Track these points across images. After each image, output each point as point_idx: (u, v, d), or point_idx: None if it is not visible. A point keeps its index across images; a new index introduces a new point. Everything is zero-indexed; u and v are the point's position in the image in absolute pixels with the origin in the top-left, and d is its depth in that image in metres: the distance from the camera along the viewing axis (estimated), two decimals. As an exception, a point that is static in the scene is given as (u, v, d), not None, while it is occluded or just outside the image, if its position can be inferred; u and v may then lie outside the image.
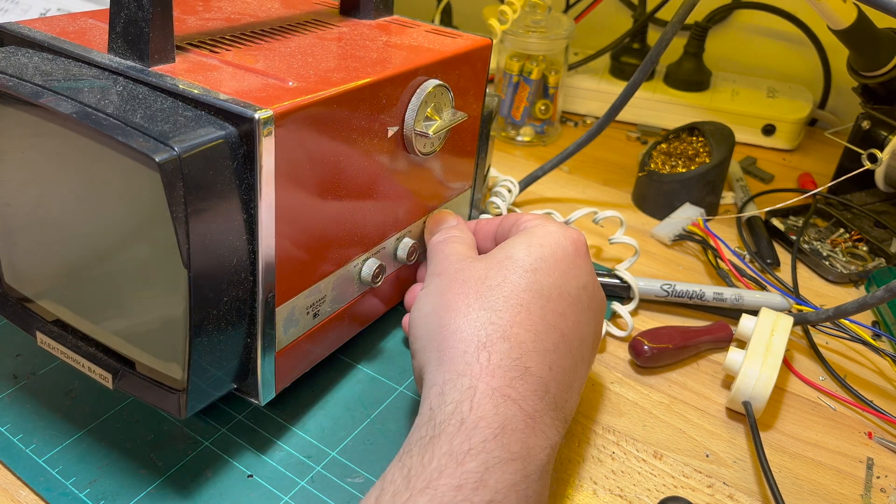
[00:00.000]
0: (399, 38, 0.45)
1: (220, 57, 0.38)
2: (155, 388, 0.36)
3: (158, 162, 0.29)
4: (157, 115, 0.32)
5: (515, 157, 0.77)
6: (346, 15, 0.49)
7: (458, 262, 0.39)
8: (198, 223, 0.31)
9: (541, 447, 0.31)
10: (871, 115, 0.63)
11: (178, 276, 0.32)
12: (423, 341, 0.36)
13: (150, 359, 0.37)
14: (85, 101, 0.32)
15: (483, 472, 0.29)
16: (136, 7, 0.34)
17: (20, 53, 0.37)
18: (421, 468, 0.29)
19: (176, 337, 0.34)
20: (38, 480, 0.38)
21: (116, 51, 0.36)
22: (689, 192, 0.64)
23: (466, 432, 0.30)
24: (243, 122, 0.32)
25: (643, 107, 0.82)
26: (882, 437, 0.44)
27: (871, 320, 0.54)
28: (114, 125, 0.31)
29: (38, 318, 0.41)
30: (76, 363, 0.39)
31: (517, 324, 0.34)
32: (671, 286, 0.53)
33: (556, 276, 0.36)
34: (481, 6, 0.75)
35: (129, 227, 0.35)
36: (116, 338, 0.38)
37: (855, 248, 0.61)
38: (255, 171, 0.33)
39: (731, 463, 0.42)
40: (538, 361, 0.33)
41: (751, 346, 0.45)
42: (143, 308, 0.37)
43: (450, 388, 0.32)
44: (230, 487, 0.38)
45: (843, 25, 0.56)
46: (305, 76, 0.37)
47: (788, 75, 0.88)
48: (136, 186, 0.33)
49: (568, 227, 0.40)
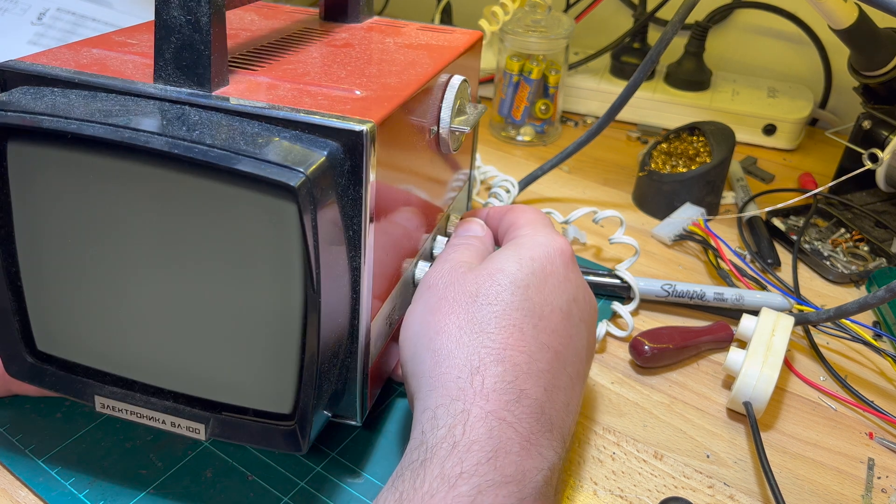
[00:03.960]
0: (402, 38, 0.45)
1: (262, 74, 0.36)
2: (260, 429, 0.34)
3: (295, 186, 0.28)
4: (258, 140, 0.30)
5: (515, 157, 0.77)
6: (331, 20, 0.48)
7: (451, 272, 0.37)
8: (324, 246, 0.30)
9: (537, 469, 0.31)
10: (872, 114, 0.63)
11: (291, 304, 0.31)
12: (413, 365, 0.35)
13: (250, 398, 0.34)
14: (175, 134, 0.30)
15: (475, 495, 0.28)
16: (192, 29, 0.32)
17: (48, 93, 0.33)
18: (412, 492, 0.28)
19: (287, 368, 0.33)
20: (37, 481, 0.38)
21: (167, 79, 0.33)
22: (690, 192, 0.63)
23: (459, 455, 0.29)
24: (349, 137, 0.31)
25: (643, 106, 0.82)
26: (883, 438, 0.44)
27: (871, 320, 0.54)
28: (223, 156, 0.29)
29: (93, 382, 0.36)
30: (152, 421, 0.35)
31: (510, 346, 0.33)
32: (672, 286, 0.53)
33: (547, 291, 0.36)
34: (481, 6, 0.75)
35: (225, 264, 0.32)
36: (203, 384, 0.35)
37: (856, 248, 0.61)
38: (360, 185, 0.32)
39: (732, 463, 0.42)
40: (533, 383, 0.33)
41: (751, 347, 0.45)
42: (240, 345, 0.34)
43: (442, 413, 0.31)
44: (230, 488, 0.38)
45: (844, 25, 0.56)
46: (363, 84, 0.36)
47: (789, 75, 0.88)
48: (247, 218, 0.31)
49: (556, 235, 0.39)
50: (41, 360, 0.37)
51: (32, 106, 0.31)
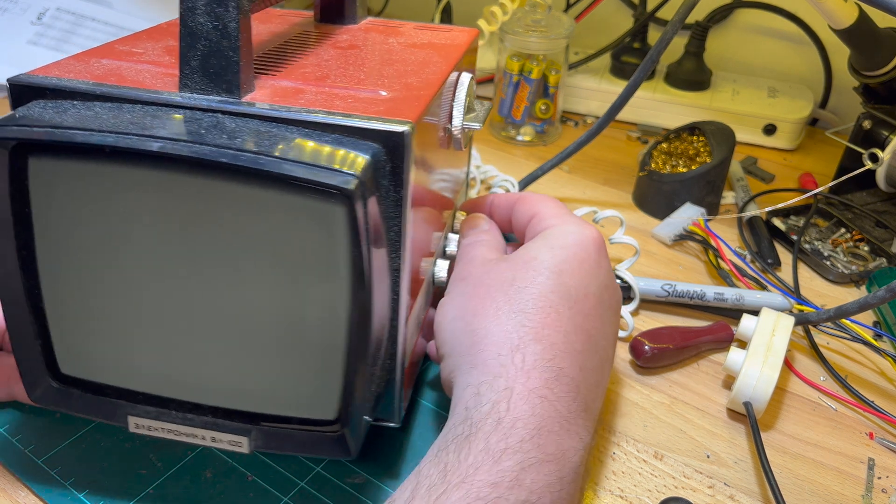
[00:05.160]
0: (404, 38, 0.45)
1: (281, 78, 0.36)
2: (306, 437, 0.34)
3: (351, 189, 0.28)
4: (303, 145, 0.30)
5: (515, 157, 0.77)
6: (327, 22, 0.48)
7: (483, 265, 0.38)
8: (375, 248, 0.30)
9: (575, 449, 0.32)
10: (873, 114, 0.63)
11: (337, 308, 0.31)
12: (452, 345, 0.36)
13: (293, 407, 0.34)
14: (218, 143, 0.29)
15: (519, 471, 0.29)
16: (220, 36, 0.31)
17: (70, 106, 0.32)
18: (457, 464, 0.29)
19: (332, 373, 0.32)
20: (37, 481, 0.38)
21: (194, 87, 0.32)
22: (690, 192, 0.63)
23: (503, 431, 0.30)
24: (390, 138, 0.31)
25: (644, 106, 0.82)
26: (883, 438, 0.44)
27: (872, 320, 0.54)
28: (273, 162, 0.28)
29: (125, 403, 0.35)
30: (191, 438, 0.35)
31: (547, 325, 0.34)
32: (672, 286, 0.53)
33: (580, 277, 0.37)
34: (481, 6, 0.75)
35: (269, 272, 0.32)
36: (243, 396, 0.34)
37: (856, 248, 0.61)
38: (401, 186, 0.32)
39: (732, 463, 0.42)
40: (570, 363, 0.34)
41: (752, 347, 0.45)
42: (284, 353, 0.33)
43: (486, 389, 0.32)
44: (230, 488, 0.38)
45: (844, 25, 0.56)
46: (386, 85, 0.36)
47: (789, 75, 0.88)
48: (294, 224, 0.30)
49: (586, 224, 0.40)
50: (66, 384, 0.35)
51: (59, 120, 0.30)
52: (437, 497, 0.28)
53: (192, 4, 0.31)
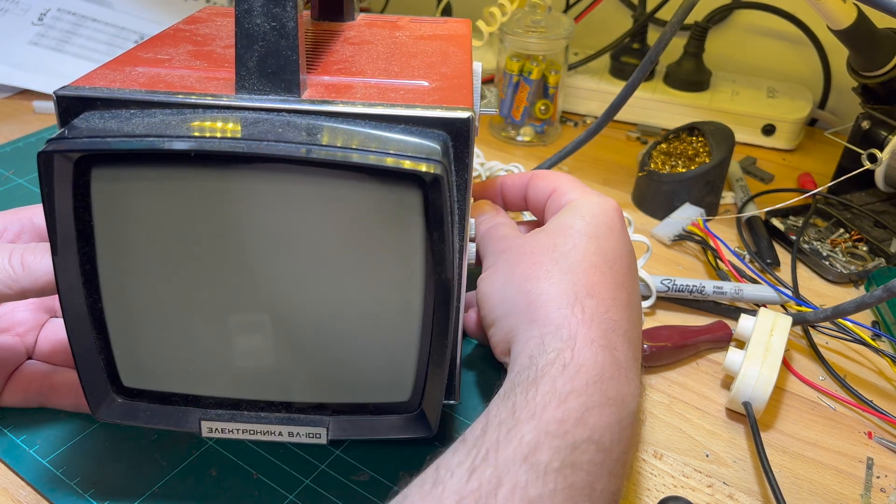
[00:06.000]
0: (408, 31, 0.45)
1: (321, 74, 0.36)
2: (385, 421, 0.35)
3: (439, 175, 0.29)
4: (381, 137, 0.31)
5: (515, 157, 0.77)
6: (325, 19, 0.48)
7: (518, 238, 0.41)
8: (451, 231, 0.31)
9: (632, 395, 0.33)
10: (871, 115, 0.63)
11: (413, 292, 0.32)
12: (505, 309, 0.37)
13: (369, 393, 0.35)
14: (298, 140, 0.30)
15: (583, 411, 0.30)
16: (279, 35, 0.31)
17: (129, 115, 0.31)
18: (525, 403, 0.31)
19: (408, 356, 0.34)
20: (42, 481, 0.38)
21: (251, 88, 0.32)
22: (689, 192, 0.64)
23: (569, 376, 0.32)
24: (454, 125, 0.32)
25: (643, 107, 0.82)
26: (882, 437, 0.45)
27: (870, 320, 0.54)
28: (363, 155, 0.29)
29: (195, 409, 0.35)
30: (268, 435, 0.35)
31: (596, 282, 0.36)
32: (671, 281, 0.53)
33: (613, 241, 0.39)
34: (480, 6, 0.75)
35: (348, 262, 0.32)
36: (318, 388, 0.35)
37: (855, 248, 0.61)
38: (465, 170, 0.33)
39: (731, 463, 0.42)
40: (621, 315, 0.36)
41: (750, 347, 0.45)
42: (361, 341, 0.34)
43: (550, 339, 0.34)
44: (235, 486, 0.38)
45: (843, 25, 0.56)
46: (424, 75, 0.36)
47: (788, 75, 0.88)
48: (376, 213, 0.31)
49: (605, 196, 0.42)
50: (131, 397, 0.35)
51: (128, 129, 0.30)
52: (509, 430, 0.29)
53: (248, 6, 0.31)
